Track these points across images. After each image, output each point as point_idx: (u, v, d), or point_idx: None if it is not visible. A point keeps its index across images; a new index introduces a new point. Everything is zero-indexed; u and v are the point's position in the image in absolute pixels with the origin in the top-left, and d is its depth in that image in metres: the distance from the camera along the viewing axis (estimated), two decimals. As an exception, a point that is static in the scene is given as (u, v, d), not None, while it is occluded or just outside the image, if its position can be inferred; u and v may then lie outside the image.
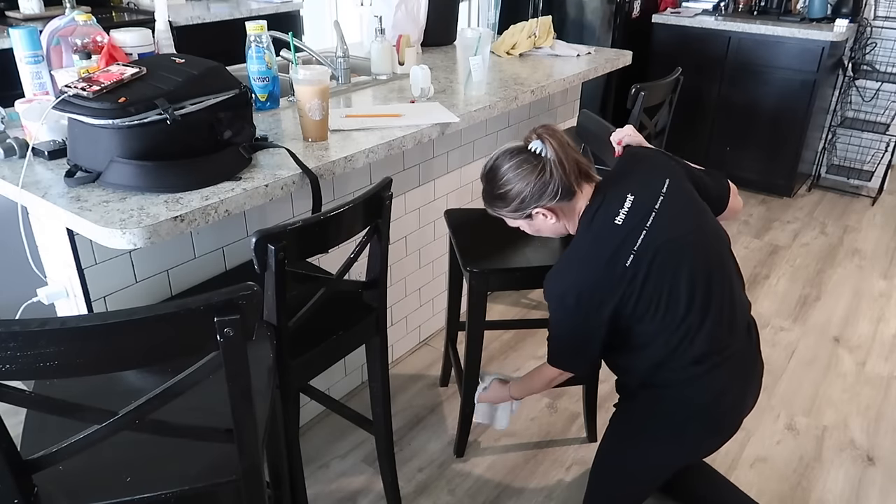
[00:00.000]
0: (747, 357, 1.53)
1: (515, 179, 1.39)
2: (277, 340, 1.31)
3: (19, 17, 2.93)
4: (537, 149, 1.39)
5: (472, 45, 2.24)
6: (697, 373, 1.44)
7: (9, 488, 0.94)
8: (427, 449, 2.10)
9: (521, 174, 1.38)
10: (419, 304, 2.49)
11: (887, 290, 3.04)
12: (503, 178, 1.40)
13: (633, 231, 1.38)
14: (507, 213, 1.46)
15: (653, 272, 1.38)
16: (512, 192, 1.40)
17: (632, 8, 3.88)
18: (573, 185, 1.41)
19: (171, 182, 1.37)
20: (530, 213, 1.44)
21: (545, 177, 1.38)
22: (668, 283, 1.39)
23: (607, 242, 1.39)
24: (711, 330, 1.42)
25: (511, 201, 1.42)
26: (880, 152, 3.95)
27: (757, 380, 1.57)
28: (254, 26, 1.84)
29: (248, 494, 1.08)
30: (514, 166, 1.39)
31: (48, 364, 0.83)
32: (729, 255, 1.52)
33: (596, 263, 1.40)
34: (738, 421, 1.54)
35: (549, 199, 1.40)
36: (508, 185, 1.40)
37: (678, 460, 1.66)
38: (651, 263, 1.38)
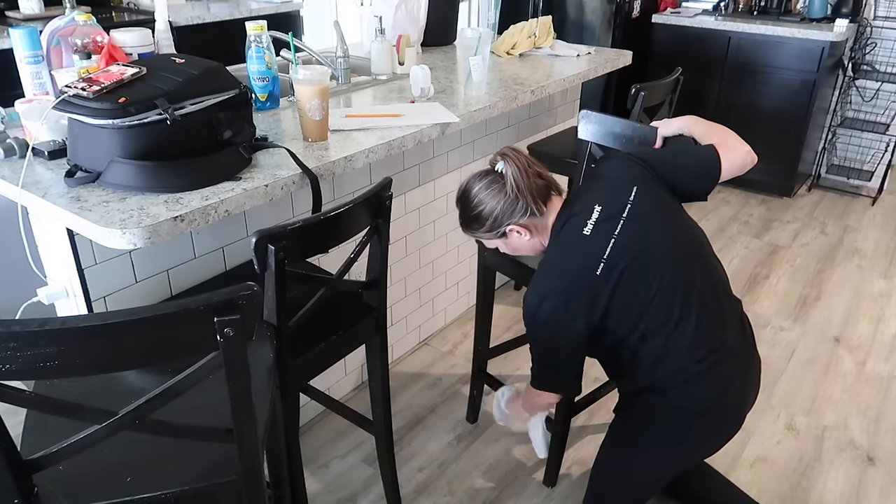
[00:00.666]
0: (743, 353, 1.53)
1: (487, 199, 1.44)
2: (277, 340, 1.31)
3: (19, 17, 2.93)
4: (500, 168, 1.44)
5: (472, 45, 2.24)
6: (697, 372, 1.44)
7: (9, 488, 0.94)
8: (427, 449, 2.10)
9: (491, 193, 1.43)
10: (419, 304, 2.49)
11: (887, 290, 3.04)
12: (475, 200, 1.45)
13: (602, 240, 1.41)
14: (483, 234, 1.50)
15: (624, 279, 1.39)
16: (485, 211, 1.44)
17: (632, 8, 3.88)
18: (536, 200, 1.44)
19: (171, 182, 1.37)
20: (504, 232, 1.48)
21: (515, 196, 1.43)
22: (642, 288, 1.40)
23: (576, 253, 1.42)
24: (699, 329, 1.43)
25: (485, 221, 1.46)
26: (880, 152, 3.95)
27: (755, 375, 1.57)
28: (254, 26, 1.84)
29: (248, 494, 1.08)
30: (484, 186, 1.44)
31: (48, 364, 0.83)
32: (708, 252, 1.53)
33: (566, 274, 1.43)
34: (741, 418, 1.54)
35: (520, 215, 1.44)
36: (481, 205, 1.44)
37: (682, 462, 1.66)
38: (623, 271, 1.39)
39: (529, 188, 1.42)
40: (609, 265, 1.39)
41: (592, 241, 1.41)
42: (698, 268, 1.48)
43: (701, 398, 1.47)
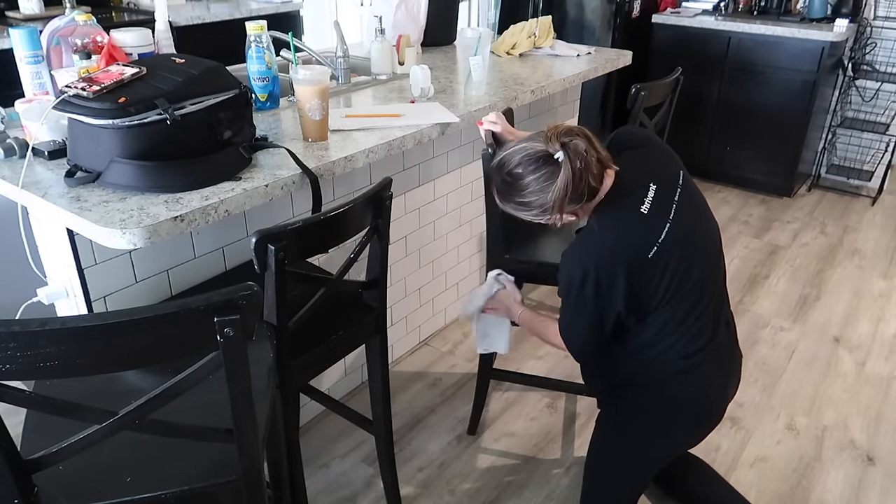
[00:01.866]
0: (728, 347, 1.56)
1: (539, 191, 1.33)
2: (277, 340, 1.31)
3: (19, 17, 2.93)
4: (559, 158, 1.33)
5: (472, 45, 2.24)
6: (686, 367, 1.46)
7: (9, 488, 0.94)
8: (427, 449, 2.10)
9: (543, 187, 1.32)
10: (419, 304, 2.49)
11: (887, 290, 3.04)
12: (526, 189, 1.34)
13: (658, 222, 1.36)
14: (527, 216, 1.41)
15: (670, 266, 1.36)
16: (535, 202, 1.34)
17: (632, 8, 3.88)
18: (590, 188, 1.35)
19: (171, 182, 1.37)
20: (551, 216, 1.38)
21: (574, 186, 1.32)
22: (680, 277, 1.38)
23: (633, 230, 1.36)
24: (705, 325, 1.44)
25: (533, 209, 1.36)
26: (880, 152, 3.95)
27: (737, 369, 1.60)
28: (254, 26, 1.84)
29: (248, 494, 1.08)
30: (539, 178, 1.32)
31: (48, 364, 0.83)
32: (721, 249, 1.54)
33: (619, 253, 1.35)
34: (723, 410, 1.57)
35: (573, 203, 1.35)
36: (532, 195, 1.34)
37: (669, 453, 1.68)
38: (671, 257, 1.36)
39: (585, 181, 1.32)
40: (661, 249, 1.34)
41: (650, 220, 1.35)
42: (720, 266, 1.49)
43: (686, 391, 1.49)
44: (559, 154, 1.30)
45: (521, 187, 1.35)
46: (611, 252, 1.36)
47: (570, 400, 2.29)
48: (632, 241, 1.36)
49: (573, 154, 1.30)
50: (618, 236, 1.36)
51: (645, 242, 1.35)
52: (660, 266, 1.35)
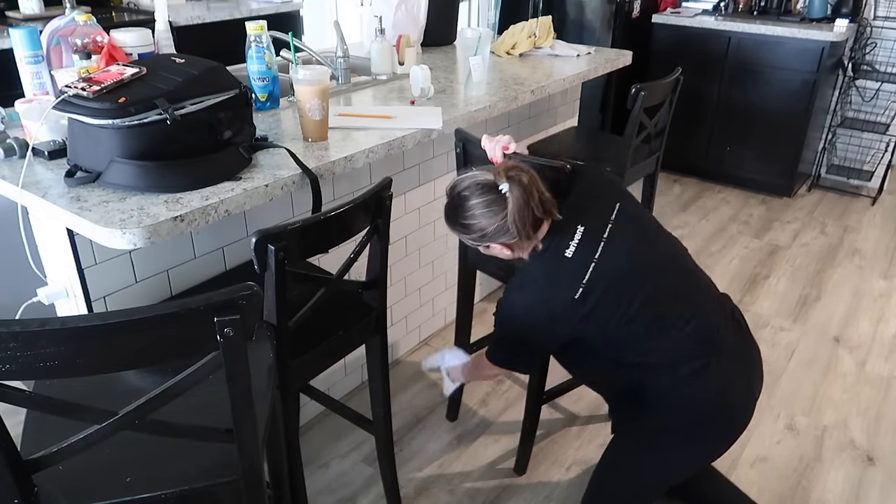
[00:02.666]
0: (741, 346, 1.56)
1: (481, 217, 1.40)
2: (277, 340, 1.31)
3: (19, 17, 2.93)
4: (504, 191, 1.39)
5: (472, 45, 2.24)
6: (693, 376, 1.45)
7: (9, 488, 0.94)
8: (427, 449, 2.10)
9: (487, 214, 1.39)
10: (419, 303, 2.49)
11: (887, 290, 3.04)
12: (469, 212, 1.41)
13: (583, 264, 1.41)
14: (467, 240, 1.49)
15: (602, 302, 1.41)
16: (476, 226, 1.42)
17: (632, 8, 3.88)
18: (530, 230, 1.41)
19: (171, 182, 1.37)
20: (488, 245, 1.46)
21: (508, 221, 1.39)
22: (620, 308, 1.42)
23: (558, 275, 1.43)
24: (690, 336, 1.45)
25: (473, 232, 1.44)
26: (880, 152, 3.95)
27: (757, 365, 1.59)
28: (254, 26, 1.84)
29: (248, 494, 1.08)
30: (483, 205, 1.39)
31: (48, 364, 0.83)
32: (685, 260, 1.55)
33: (545, 296, 1.45)
34: (750, 411, 1.54)
35: (510, 239, 1.41)
36: (473, 219, 1.41)
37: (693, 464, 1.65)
38: (601, 294, 1.41)
39: (527, 220, 1.38)
40: (587, 289, 1.40)
41: (572, 263, 1.42)
42: (681, 278, 1.51)
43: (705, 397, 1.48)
44: (503, 185, 1.37)
45: (465, 209, 1.42)
46: (538, 295, 1.46)
47: (570, 400, 2.29)
48: (556, 283, 1.43)
49: (517, 187, 1.37)
50: (542, 282, 1.45)
51: (570, 285, 1.41)
52: (590, 303, 1.41)
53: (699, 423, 1.50)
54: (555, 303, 1.44)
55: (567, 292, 1.42)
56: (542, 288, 1.45)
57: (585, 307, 1.41)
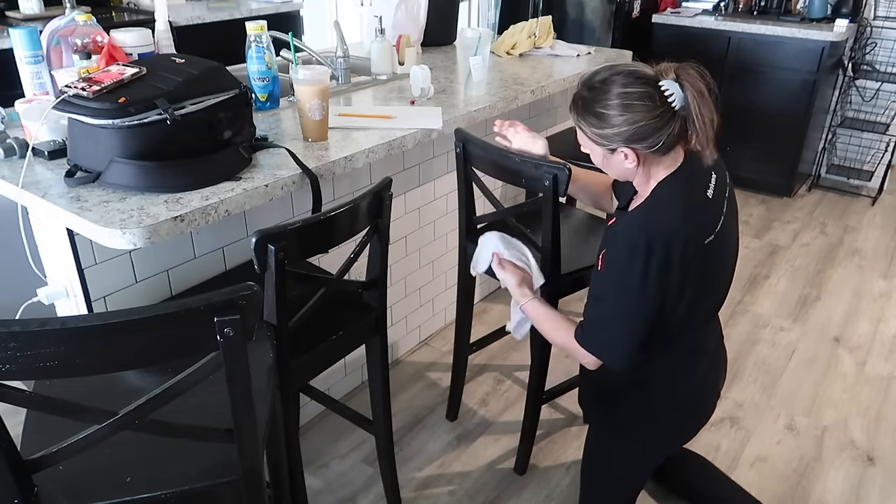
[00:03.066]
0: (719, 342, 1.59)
1: (626, 110, 1.18)
2: (277, 340, 1.31)
3: (19, 17, 2.93)
4: (670, 93, 1.18)
5: (472, 45, 2.24)
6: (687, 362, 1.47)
7: (9, 488, 0.94)
8: (427, 449, 2.10)
9: (635, 108, 1.18)
10: (419, 303, 2.49)
11: (887, 290, 3.04)
12: (613, 101, 1.19)
13: (717, 210, 1.29)
14: (592, 134, 1.26)
15: (716, 258, 1.31)
16: (614, 119, 1.20)
17: (632, 8, 3.88)
18: (678, 141, 1.23)
19: (171, 182, 1.37)
20: (617, 149, 1.25)
21: (661, 126, 1.19)
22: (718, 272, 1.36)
23: (699, 211, 1.27)
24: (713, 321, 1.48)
25: (606, 126, 1.22)
26: (880, 152, 3.95)
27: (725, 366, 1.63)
28: (254, 26, 1.84)
29: (248, 494, 1.08)
30: (633, 95, 1.18)
31: (48, 364, 0.83)
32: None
33: (687, 226, 1.25)
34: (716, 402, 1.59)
35: (646, 146, 1.21)
36: (614, 110, 1.19)
37: (666, 448, 1.70)
38: (718, 249, 1.30)
39: (678, 130, 1.20)
40: (716, 239, 1.26)
41: (713, 206, 1.28)
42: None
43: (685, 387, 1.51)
44: (669, 85, 1.18)
45: (607, 98, 1.20)
46: (676, 226, 1.24)
47: (570, 400, 2.29)
48: (697, 221, 1.26)
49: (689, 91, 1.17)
50: (683, 212, 1.25)
51: (706, 227, 1.27)
52: (709, 255, 1.27)
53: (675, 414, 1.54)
54: (693, 237, 1.23)
55: (704, 231, 1.24)
56: (681, 216, 1.23)
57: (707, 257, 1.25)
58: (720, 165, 1.37)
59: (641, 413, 1.55)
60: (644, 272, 1.24)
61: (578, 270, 1.76)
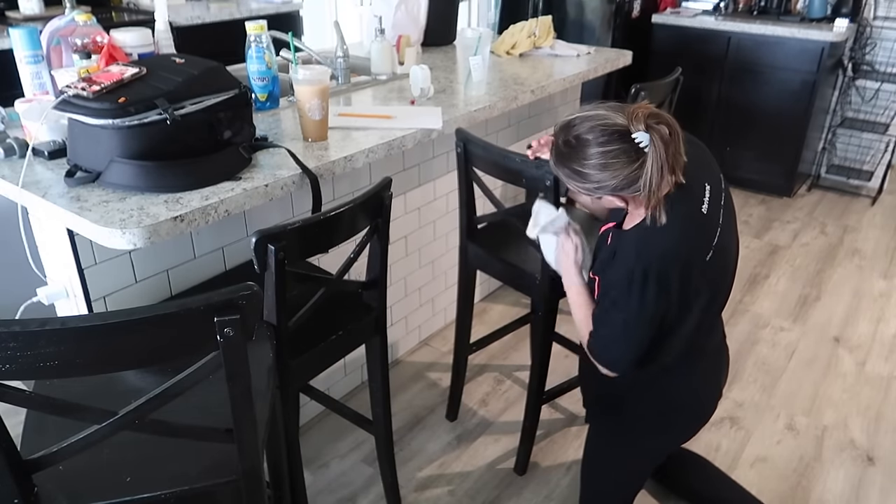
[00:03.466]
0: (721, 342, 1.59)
1: (605, 168, 1.20)
2: (277, 340, 1.31)
3: (19, 17, 2.92)
4: (641, 142, 1.19)
5: (472, 45, 2.24)
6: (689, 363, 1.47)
7: (9, 488, 0.94)
8: (427, 449, 2.10)
9: (614, 165, 1.20)
10: (419, 303, 2.49)
11: (887, 290, 3.04)
12: (590, 160, 1.21)
13: (713, 225, 1.30)
14: (575, 186, 1.29)
15: (717, 270, 1.33)
16: (594, 177, 1.22)
17: (632, 8, 3.88)
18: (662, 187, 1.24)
19: (171, 182, 1.37)
20: (601, 196, 1.28)
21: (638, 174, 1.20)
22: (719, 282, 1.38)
23: (695, 230, 1.29)
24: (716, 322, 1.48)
25: (588, 182, 1.25)
26: (880, 152, 3.95)
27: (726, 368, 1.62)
28: (254, 26, 1.84)
29: (248, 494, 1.08)
30: (610, 154, 1.19)
31: (48, 364, 0.83)
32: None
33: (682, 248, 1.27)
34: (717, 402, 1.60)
35: (632, 192, 1.24)
36: (594, 169, 1.22)
37: (666, 449, 1.70)
38: (718, 262, 1.32)
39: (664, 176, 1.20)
40: (716, 252, 1.29)
41: (709, 221, 1.29)
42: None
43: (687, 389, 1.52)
44: (640, 136, 1.18)
45: (584, 155, 1.22)
46: (672, 250, 1.26)
47: (570, 400, 2.29)
48: (693, 241, 1.29)
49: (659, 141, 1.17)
50: (680, 234, 1.27)
51: (704, 244, 1.29)
52: (710, 270, 1.30)
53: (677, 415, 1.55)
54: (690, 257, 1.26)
55: (702, 250, 1.27)
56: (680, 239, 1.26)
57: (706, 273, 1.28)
58: (713, 172, 1.37)
59: (643, 414, 1.55)
60: (641, 298, 1.28)
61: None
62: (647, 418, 1.55)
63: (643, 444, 1.60)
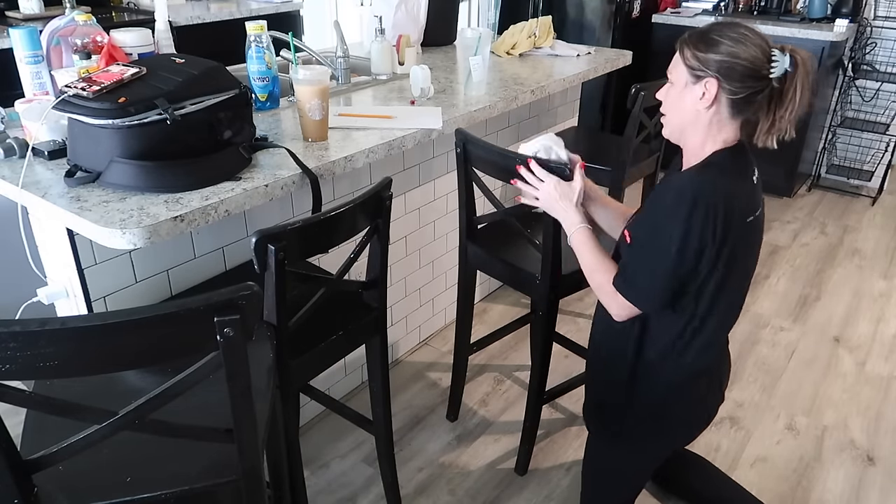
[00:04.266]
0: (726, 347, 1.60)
1: (738, 45, 1.26)
2: (277, 340, 1.31)
3: (19, 17, 2.93)
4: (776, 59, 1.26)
5: (472, 45, 2.24)
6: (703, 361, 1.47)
7: (9, 488, 0.94)
8: (427, 449, 2.10)
9: (746, 48, 1.26)
10: (419, 303, 2.49)
11: (887, 290, 3.04)
12: (730, 33, 1.28)
13: (758, 196, 1.37)
14: (690, 56, 1.32)
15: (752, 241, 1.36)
16: (722, 47, 1.27)
17: (632, 8, 3.88)
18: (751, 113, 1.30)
19: (171, 182, 1.37)
20: (702, 78, 1.30)
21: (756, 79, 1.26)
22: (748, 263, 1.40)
23: (747, 189, 1.33)
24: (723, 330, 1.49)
25: (710, 51, 1.28)
26: (880, 152, 3.95)
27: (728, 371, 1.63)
28: (254, 26, 1.84)
29: (248, 494, 1.08)
30: (750, 40, 1.27)
31: (48, 364, 0.83)
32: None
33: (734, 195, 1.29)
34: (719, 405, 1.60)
35: (730, 89, 1.28)
36: (727, 40, 1.27)
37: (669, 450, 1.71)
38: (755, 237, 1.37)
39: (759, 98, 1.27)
40: (755, 222, 1.33)
41: (756, 191, 1.36)
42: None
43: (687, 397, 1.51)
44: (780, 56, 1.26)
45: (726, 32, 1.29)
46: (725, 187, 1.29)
47: (570, 400, 2.29)
48: (744, 196, 1.32)
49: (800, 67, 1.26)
50: (734, 183, 1.31)
51: (751, 205, 1.33)
52: (747, 239, 1.33)
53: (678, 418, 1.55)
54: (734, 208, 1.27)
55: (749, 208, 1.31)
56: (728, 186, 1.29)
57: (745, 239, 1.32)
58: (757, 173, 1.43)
59: (645, 417, 1.54)
60: (687, 222, 1.26)
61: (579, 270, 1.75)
62: (649, 421, 1.54)
63: (644, 446, 1.60)
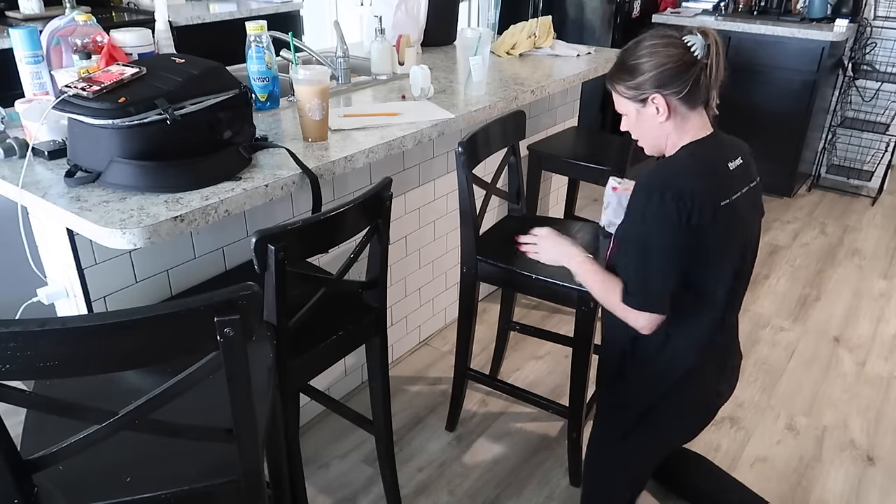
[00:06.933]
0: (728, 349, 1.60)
1: (654, 56, 1.33)
2: (277, 340, 1.31)
3: (19, 17, 2.93)
4: (693, 44, 1.32)
5: (472, 45, 2.24)
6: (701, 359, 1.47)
7: (9, 488, 0.94)
8: (427, 449, 2.10)
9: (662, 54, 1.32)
10: (419, 304, 2.49)
11: (887, 290, 3.04)
12: (642, 52, 1.34)
13: (737, 184, 1.37)
14: (625, 90, 1.38)
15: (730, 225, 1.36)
16: (643, 67, 1.34)
17: (632, 8, 3.89)
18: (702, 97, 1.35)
19: (171, 182, 1.37)
20: (646, 98, 1.36)
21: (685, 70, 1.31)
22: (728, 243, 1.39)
23: (718, 174, 1.35)
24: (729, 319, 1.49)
25: (637, 76, 1.35)
26: (880, 152, 3.95)
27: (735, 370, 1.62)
28: (254, 26, 1.84)
29: (248, 494, 1.08)
30: (661, 45, 1.33)
31: (48, 364, 0.83)
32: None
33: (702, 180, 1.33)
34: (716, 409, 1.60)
35: (674, 91, 1.33)
36: (644, 58, 1.34)
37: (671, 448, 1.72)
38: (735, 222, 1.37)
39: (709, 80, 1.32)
40: (731, 206, 1.33)
41: (732, 177, 1.37)
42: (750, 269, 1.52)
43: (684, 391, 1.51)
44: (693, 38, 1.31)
45: (638, 50, 1.35)
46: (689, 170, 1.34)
47: (570, 400, 2.29)
48: (711, 181, 1.33)
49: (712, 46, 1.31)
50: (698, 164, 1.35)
51: (721, 189, 1.34)
52: (724, 222, 1.33)
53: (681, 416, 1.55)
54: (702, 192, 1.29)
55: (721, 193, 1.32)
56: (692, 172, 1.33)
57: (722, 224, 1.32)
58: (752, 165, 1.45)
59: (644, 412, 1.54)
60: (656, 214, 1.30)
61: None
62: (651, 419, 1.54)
63: (645, 444, 1.60)
